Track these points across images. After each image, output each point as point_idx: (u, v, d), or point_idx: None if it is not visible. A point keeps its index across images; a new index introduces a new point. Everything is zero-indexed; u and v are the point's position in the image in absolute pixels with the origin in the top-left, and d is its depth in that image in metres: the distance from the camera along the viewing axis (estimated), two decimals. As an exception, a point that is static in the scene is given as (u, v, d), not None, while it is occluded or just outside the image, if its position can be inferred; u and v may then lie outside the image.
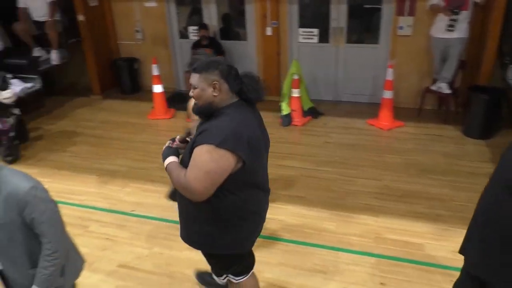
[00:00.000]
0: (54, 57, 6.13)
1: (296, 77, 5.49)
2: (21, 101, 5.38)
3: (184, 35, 6.77)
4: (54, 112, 6.44)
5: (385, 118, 5.44)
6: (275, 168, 4.43)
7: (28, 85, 5.76)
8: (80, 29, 6.45)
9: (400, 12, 5.52)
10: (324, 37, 6.08)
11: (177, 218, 2.24)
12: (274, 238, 3.47)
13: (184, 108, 5.99)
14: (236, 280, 2.32)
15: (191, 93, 1.97)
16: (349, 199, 3.95)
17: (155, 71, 5.94)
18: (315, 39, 6.12)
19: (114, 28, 6.95)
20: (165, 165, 2.00)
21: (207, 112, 1.95)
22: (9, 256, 1.89)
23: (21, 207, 1.74)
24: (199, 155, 1.83)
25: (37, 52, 6.11)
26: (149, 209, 3.94)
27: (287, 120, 5.59)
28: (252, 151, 1.88)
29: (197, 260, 3.19)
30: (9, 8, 6.06)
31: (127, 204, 4.03)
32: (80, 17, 6.36)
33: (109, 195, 4.20)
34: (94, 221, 3.81)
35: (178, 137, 2.18)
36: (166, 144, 2.12)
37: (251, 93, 1.97)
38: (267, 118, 5.89)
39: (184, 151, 2.07)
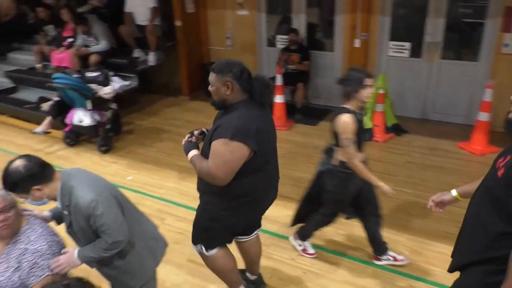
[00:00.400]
0: (151, 58, 6.61)
1: (381, 91, 5.30)
2: (118, 97, 5.88)
3: (272, 43, 6.90)
4: (146, 109, 6.93)
5: (478, 142, 5.00)
6: (350, 183, 4.31)
7: (126, 83, 6.29)
8: (177, 33, 6.88)
9: (506, 29, 5.06)
10: (416, 52, 5.79)
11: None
12: (340, 254, 3.38)
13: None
14: (207, 252, 2.56)
15: (210, 88, 2.26)
16: (428, 225, 3.70)
17: (240, 77, 6.11)
18: (406, 53, 5.85)
19: (207, 34, 7.30)
20: (189, 157, 2.30)
21: (221, 106, 2.27)
22: None
23: (86, 218, 1.93)
24: (217, 147, 2.12)
25: (137, 53, 6.64)
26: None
27: (368, 135, 5.41)
28: (260, 141, 2.16)
29: (262, 264, 3.21)
30: (117, 13, 6.70)
31: (201, 202, 4.19)
32: (178, 23, 6.79)
33: (186, 192, 4.41)
34: (170, 215, 4.02)
35: (196, 131, 2.45)
36: (186, 139, 2.39)
37: (257, 96, 2.21)
38: (347, 131, 5.79)
39: (203, 143, 2.35)
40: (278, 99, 5.88)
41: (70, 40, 6.44)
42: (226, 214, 2.37)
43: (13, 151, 5.53)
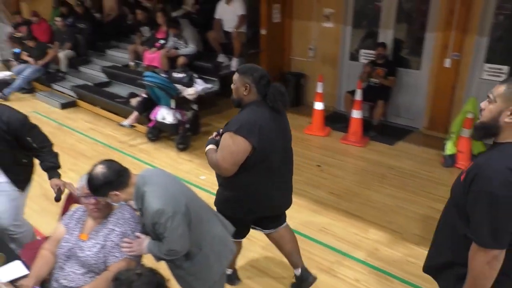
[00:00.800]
0: (234, 64, 6.82)
1: (470, 116, 4.94)
2: (200, 98, 6.14)
3: (354, 57, 6.77)
4: (224, 112, 7.15)
5: None
6: (425, 208, 4.08)
7: (209, 85, 6.54)
8: (261, 41, 7.03)
9: None
10: (514, 77, 5.33)
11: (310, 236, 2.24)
12: (407, 282, 3.19)
13: (340, 129, 6.06)
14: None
15: (232, 86, 2.53)
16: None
17: (319, 89, 6.09)
18: (503, 78, 5.41)
19: (290, 44, 7.37)
20: (205, 150, 2.59)
21: (237, 104, 2.55)
22: None
23: (152, 224, 2.05)
24: (223, 140, 2.41)
25: (221, 58, 6.90)
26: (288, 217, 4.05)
27: (450, 161, 5.07)
28: (262, 139, 2.38)
29: (325, 281, 3.15)
30: (207, 19, 7.03)
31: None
32: (263, 31, 6.94)
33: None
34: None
35: (221, 130, 2.65)
36: (212, 136, 2.66)
37: (270, 101, 2.46)
38: (427, 154, 5.52)
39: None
40: (356, 114, 5.75)
41: (162, 41, 6.87)
42: (235, 204, 2.60)
43: (102, 140, 6.02)
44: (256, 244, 3.60)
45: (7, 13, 11.25)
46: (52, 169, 2.85)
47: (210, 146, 2.57)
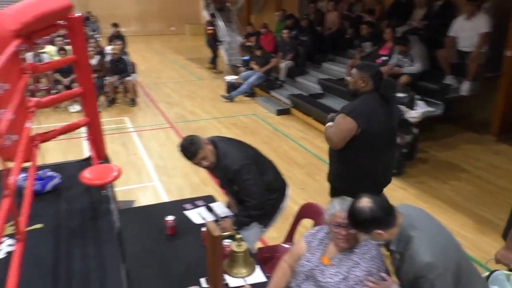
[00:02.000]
0: (465, 88, 6.03)
1: None
2: (420, 122, 5.62)
3: None
4: (442, 140, 6.40)
5: None
6: None
7: (430, 109, 5.96)
8: (504, 64, 6.00)
9: None
10: None
11: None
12: None
13: None
14: None
15: (349, 79, 3.09)
16: None
17: None
18: None
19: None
20: (325, 125, 3.10)
21: (353, 94, 3.00)
22: None
23: (416, 276, 1.81)
24: (337, 119, 2.93)
25: (449, 80, 6.20)
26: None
27: None
28: (369, 123, 2.81)
29: None
30: (440, 35, 6.41)
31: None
32: (508, 53, 5.91)
33: (485, 249, 3.76)
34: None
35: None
36: (332, 114, 3.13)
37: (382, 90, 2.90)
38: None
39: None
40: None
41: (384, 58, 6.57)
42: (339, 179, 3.07)
43: (312, 151, 6.12)
44: None
45: (239, 24, 12.85)
46: (239, 221, 2.72)
47: (330, 123, 3.05)
